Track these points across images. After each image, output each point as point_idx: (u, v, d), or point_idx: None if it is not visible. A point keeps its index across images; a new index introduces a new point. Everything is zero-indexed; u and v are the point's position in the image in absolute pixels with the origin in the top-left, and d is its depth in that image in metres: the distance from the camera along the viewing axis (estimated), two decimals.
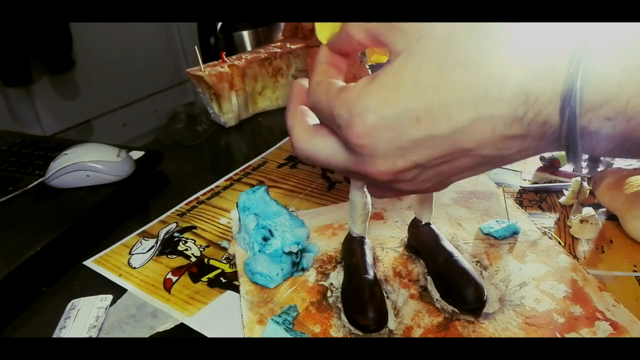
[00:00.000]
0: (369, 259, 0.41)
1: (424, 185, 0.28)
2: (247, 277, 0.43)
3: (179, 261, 0.47)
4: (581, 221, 0.44)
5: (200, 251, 0.48)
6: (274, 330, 0.37)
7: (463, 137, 0.24)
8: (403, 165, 0.26)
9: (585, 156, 0.24)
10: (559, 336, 0.34)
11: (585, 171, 0.51)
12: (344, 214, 0.51)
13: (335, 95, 0.27)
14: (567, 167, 0.54)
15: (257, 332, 0.37)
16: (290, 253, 0.43)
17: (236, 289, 0.43)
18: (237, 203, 0.47)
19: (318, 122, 0.30)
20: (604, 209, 0.47)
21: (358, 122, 0.25)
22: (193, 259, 0.47)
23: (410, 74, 0.24)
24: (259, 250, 0.44)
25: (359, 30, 0.28)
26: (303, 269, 0.43)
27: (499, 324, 0.36)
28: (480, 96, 0.23)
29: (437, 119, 0.24)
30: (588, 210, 0.44)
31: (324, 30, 0.33)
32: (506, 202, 0.49)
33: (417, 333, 0.36)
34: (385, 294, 0.39)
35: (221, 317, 0.40)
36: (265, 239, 0.44)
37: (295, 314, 0.39)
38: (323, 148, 0.29)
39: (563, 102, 0.22)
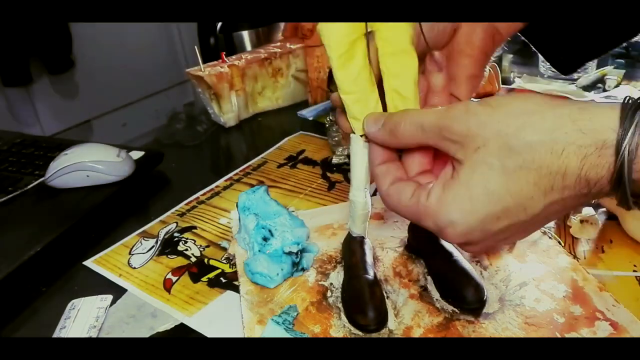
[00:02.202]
0: (369, 259, 0.41)
1: (493, 249, 0.35)
2: (247, 277, 0.43)
3: (179, 261, 0.47)
4: (581, 221, 0.44)
5: (200, 251, 0.48)
6: (274, 330, 0.37)
7: (540, 217, 0.28)
8: (488, 246, 0.31)
9: None
10: (559, 336, 0.34)
11: None
12: (344, 214, 0.50)
13: (415, 208, 0.31)
14: None
15: (257, 332, 0.37)
16: (290, 253, 0.43)
17: (236, 289, 0.43)
18: (237, 203, 0.47)
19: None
20: (603, 209, 0.47)
21: (449, 232, 0.29)
22: (193, 259, 0.47)
23: (480, 185, 0.28)
24: (259, 250, 0.43)
25: (415, 144, 0.31)
26: (303, 269, 0.43)
27: (499, 324, 0.36)
28: (547, 189, 0.27)
29: (514, 214, 0.28)
30: (588, 210, 0.44)
31: (358, 123, 0.34)
32: None
33: (417, 333, 0.36)
34: (385, 294, 0.39)
35: (221, 317, 0.40)
36: (265, 239, 0.44)
37: (295, 314, 0.39)
38: None
39: (614, 184, 0.25)
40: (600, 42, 0.37)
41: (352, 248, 0.42)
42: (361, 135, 0.35)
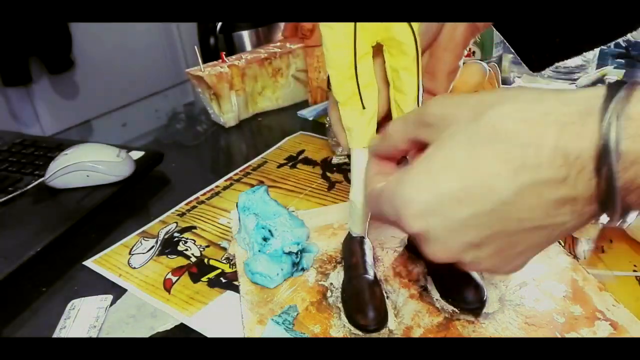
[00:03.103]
0: (369, 259, 0.41)
1: (488, 265, 0.28)
2: (247, 277, 0.43)
3: (179, 261, 0.47)
4: None
5: (200, 251, 0.48)
6: (274, 330, 0.37)
7: (511, 209, 0.24)
8: (457, 248, 0.26)
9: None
10: (559, 336, 0.34)
11: None
12: (344, 214, 0.51)
13: (377, 193, 0.29)
14: None
15: (257, 332, 0.37)
16: (290, 253, 0.43)
17: (236, 289, 0.43)
18: (237, 203, 0.47)
19: None
20: None
21: (404, 213, 0.26)
22: (193, 259, 0.47)
23: (440, 159, 0.25)
24: (259, 251, 0.44)
25: (402, 140, 0.30)
26: (303, 269, 0.43)
27: (499, 324, 0.36)
28: (517, 166, 0.23)
29: (479, 197, 0.24)
30: None
31: (361, 139, 0.36)
32: None
33: (417, 333, 0.36)
34: (385, 294, 0.39)
35: (221, 317, 0.40)
36: (265, 239, 0.44)
37: (295, 314, 0.39)
38: None
39: (599, 160, 0.21)
40: (572, 43, 0.36)
41: (352, 248, 0.42)
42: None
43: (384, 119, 0.37)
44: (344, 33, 0.33)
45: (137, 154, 0.63)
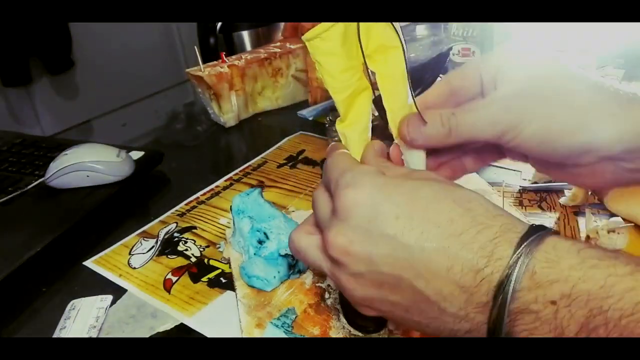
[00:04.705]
0: None
1: (381, 308, 0.29)
2: (242, 280, 0.43)
3: (179, 261, 0.47)
4: (608, 231, 0.42)
5: (200, 251, 0.48)
6: (274, 334, 0.37)
7: (420, 258, 0.25)
8: (358, 249, 0.27)
9: None
10: None
11: None
12: None
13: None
14: None
15: (256, 335, 0.37)
16: (286, 255, 0.43)
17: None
18: (230, 206, 0.47)
19: None
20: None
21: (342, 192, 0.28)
22: (193, 259, 0.47)
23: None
24: (255, 254, 0.43)
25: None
26: (299, 272, 0.43)
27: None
28: (455, 232, 0.25)
29: (410, 230, 0.26)
30: (616, 220, 0.43)
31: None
32: (504, 200, 0.49)
33: (417, 333, 0.36)
34: None
35: (221, 318, 0.40)
36: (260, 242, 0.44)
37: (294, 316, 0.39)
38: None
39: (497, 289, 0.23)
40: None
41: None
42: None
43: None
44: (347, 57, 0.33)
45: (137, 154, 0.63)
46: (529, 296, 0.23)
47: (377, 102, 0.34)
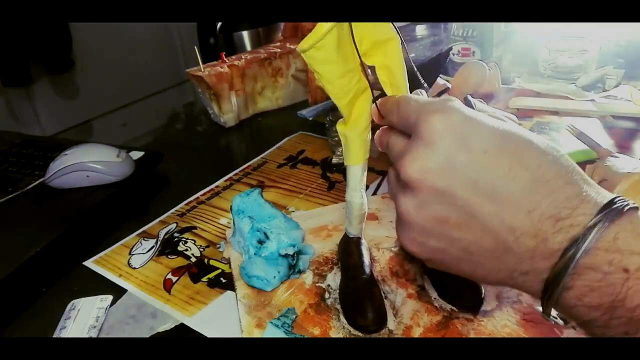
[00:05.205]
0: (366, 259, 0.41)
1: (433, 248, 0.29)
2: (243, 280, 0.43)
3: (179, 261, 0.47)
4: None
5: (200, 251, 0.48)
6: (274, 334, 0.37)
7: (502, 196, 0.25)
8: (435, 179, 0.26)
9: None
10: (557, 332, 0.35)
11: None
12: (338, 215, 0.51)
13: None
14: None
15: (256, 335, 0.37)
16: (286, 255, 0.43)
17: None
18: (230, 206, 0.47)
19: None
20: None
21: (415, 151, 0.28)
22: (193, 259, 0.47)
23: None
24: (255, 254, 0.43)
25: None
26: (299, 271, 0.43)
27: (498, 321, 0.36)
28: (543, 178, 0.25)
29: (496, 167, 0.26)
30: None
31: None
32: None
33: (417, 332, 0.36)
34: (383, 294, 0.39)
35: (221, 318, 0.40)
36: (260, 242, 0.44)
37: (294, 316, 0.39)
38: None
39: (573, 241, 0.23)
40: None
41: (349, 249, 0.42)
42: None
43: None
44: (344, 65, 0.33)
45: (137, 154, 0.63)
46: (605, 257, 0.23)
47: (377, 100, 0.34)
